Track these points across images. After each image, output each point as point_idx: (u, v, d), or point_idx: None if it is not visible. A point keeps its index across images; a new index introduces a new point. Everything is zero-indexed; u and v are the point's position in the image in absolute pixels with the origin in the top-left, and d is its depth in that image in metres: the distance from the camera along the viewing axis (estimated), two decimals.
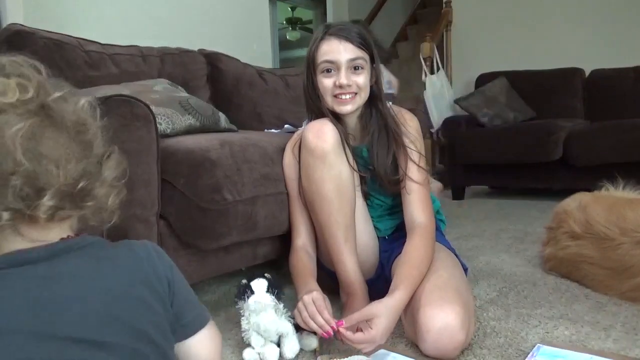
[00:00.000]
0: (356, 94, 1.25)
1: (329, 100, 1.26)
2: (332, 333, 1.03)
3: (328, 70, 1.24)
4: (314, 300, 1.07)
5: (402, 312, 1.12)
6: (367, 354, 1.05)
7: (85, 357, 0.52)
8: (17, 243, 0.55)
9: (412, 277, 1.11)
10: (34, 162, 0.52)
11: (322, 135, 1.20)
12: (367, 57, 1.26)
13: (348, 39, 1.23)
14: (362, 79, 1.24)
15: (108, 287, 0.57)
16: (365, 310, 1.04)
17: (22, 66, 0.56)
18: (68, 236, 0.59)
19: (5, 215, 0.52)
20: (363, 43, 1.25)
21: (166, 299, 0.63)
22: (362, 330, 1.03)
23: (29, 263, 0.54)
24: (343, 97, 1.24)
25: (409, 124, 1.33)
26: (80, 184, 0.56)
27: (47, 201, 0.53)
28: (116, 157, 0.63)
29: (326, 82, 1.25)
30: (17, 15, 2.31)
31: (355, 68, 1.24)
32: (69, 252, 0.57)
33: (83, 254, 0.58)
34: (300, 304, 1.08)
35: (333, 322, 1.03)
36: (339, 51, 1.22)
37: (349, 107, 1.26)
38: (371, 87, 1.29)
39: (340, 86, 1.23)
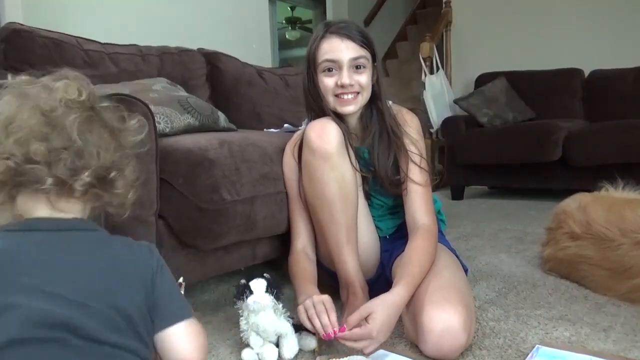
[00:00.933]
0: (358, 93, 1.24)
1: (330, 101, 1.25)
2: (332, 336, 1.03)
3: (329, 70, 1.23)
4: (324, 301, 1.06)
5: (403, 311, 1.12)
6: (367, 354, 1.04)
7: (71, 312, 0.62)
8: (42, 211, 0.68)
9: (413, 275, 1.11)
10: (84, 142, 0.67)
11: (325, 135, 1.19)
12: (369, 55, 1.24)
13: (350, 37, 1.21)
14: (364, 78, 1.23)
15: (96, 265, 0.67)
16: (363, 309, 1.04)
17: (78, 78, 0.73)
18: (79, 218, 0.71)
19: (49, 180, 0.65)
20: (365, 41, 1.23)
21: (149, 287, 0.70)
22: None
23: (36, 230, 0.67)
24: (345, 97, 1.23)
25: (410, 124, 1.33)
26: (112, 174, 0.71)
27: (86, 177, 0.67)
28: (134, 164, 0.78)
29: (328, 82, 1.23)
30: (16, 13, 2.30)
31: (357, 67, 1.23)
32: (72, 230, 0.69)
33: (84, 236, 0.70)
34: (308, 302, 1.07)
35: (337, 327, 1.03)
36: (340, 50, 1.21)
37: (352, 107, 1.25)
38: (372, 86, 1.28)
39: (342, 86, 1.22)
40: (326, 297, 1.08)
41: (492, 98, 3.47)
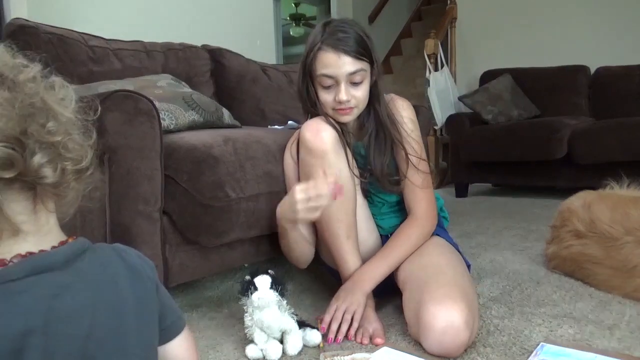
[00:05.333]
0: (354, 107, 1.24)
1: (329, 112, 1.25)
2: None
3: (328, 85, 1.21)
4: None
5: (405, 308, 1.13)
6: (376, 343, 1.05)
7: None
8: (20, 238, 0.51)
9: (373, 263, 1.23)
10: None
11: (319, 134, 1.19)
12: (366, 65, 1.22)
13: (346, 51, 1.18)
14: (361, 93, 1.23)
15: (114, 299, 0.56)
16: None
17: None
18: (67, 240, 0.56)
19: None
20: (362, 52, 1.21)
21: (156, 303, 0.62)
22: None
23: (46, 271, 0.50)
24: (342, 110, 1.23)
25: (403, 114, 1.32)
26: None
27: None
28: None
29: (326, 98, 1.23)
30: (21, 10, 2.31)
31: (354, 82, 1.21)
32: (76, 258, 0.54)
33: (87, 260, 0.55)
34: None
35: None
36: (337, 66, 1.19)
37: (348, 117, 1.25)
38: (370, 87, 1.27)
39: (340, 102, 1.21)
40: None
41: (497, 95, 3.46)
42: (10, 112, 0.47)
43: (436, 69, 3.82)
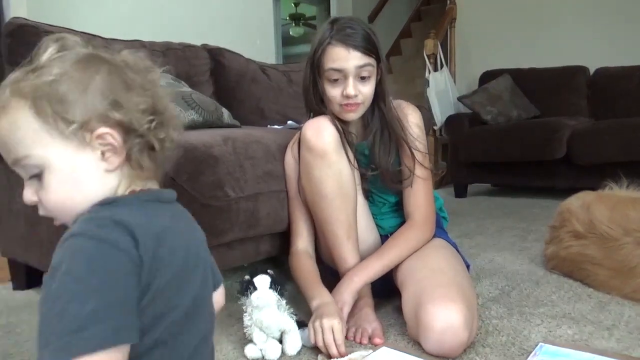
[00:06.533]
0: (361, 103, 1.24)
1: (335, 108, 1.25)
2: None
3: (335, 79, 1.22)
4: (334, 330, 1.04)
5: (405, 308, 1.13)
6: (375, 344, 1.05)
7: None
8: (149, 181, 0.67)
9: (367, 261, 1.22)
10: None
11: (321, 133, 1.20)
12: (374, 61, 1.23)
13: (355, 46, 1.20)
14: (368, 89, 1.23)
15: (198, 238, 0.73)
16: None
17: None
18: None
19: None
20: (370, 47, 1.22)
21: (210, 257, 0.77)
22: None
23: (166, 202, 0.67)
24: (348, 105, 1.24)
25: (410, 120, 1.32)
26: None
27: None
28: None
29: (334, 93, 1.23)
30: (21, 9, 2.31)
31: (362, 77, 1.22)
32: (175, 200, 0.70)
33: (178, 205, 0.71)
34: (317, 324, 1.06)
35: (345, 356, 1.04)
36: (346, 59, 1.20)
37: (353, 115, 1.25)
38: (375, 86, 1.27)
39: (347, 96, 1.22)
40: (337, 327, 1.05)
41: (496, 95, 3.46)
42: (152, 95, 0.65)
43: (436, 69, 3.82)
